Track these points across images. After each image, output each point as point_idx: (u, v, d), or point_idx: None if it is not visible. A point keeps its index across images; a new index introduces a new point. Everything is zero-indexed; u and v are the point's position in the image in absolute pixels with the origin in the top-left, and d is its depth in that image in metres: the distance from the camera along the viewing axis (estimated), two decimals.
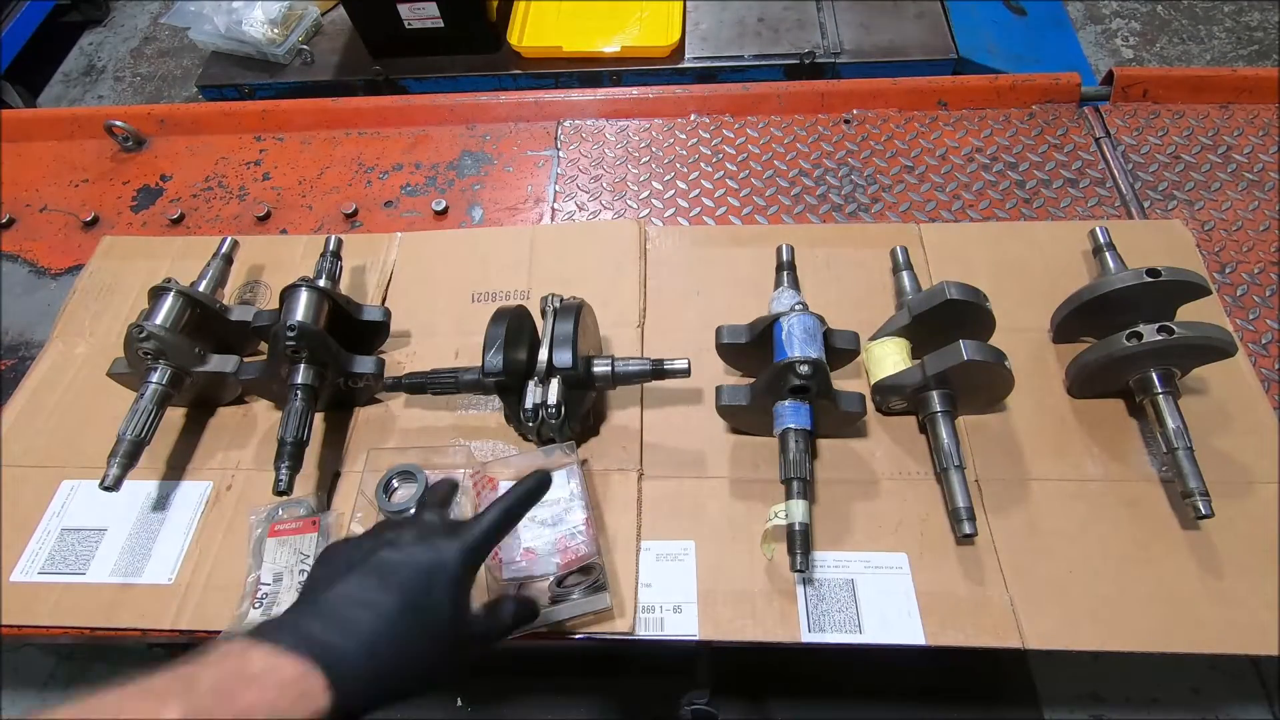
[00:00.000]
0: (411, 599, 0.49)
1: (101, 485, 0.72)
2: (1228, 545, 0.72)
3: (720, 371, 0.87)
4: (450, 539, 0.53)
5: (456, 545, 0.53)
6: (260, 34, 1.84)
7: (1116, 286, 0.77)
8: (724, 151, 1.14)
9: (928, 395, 0.76)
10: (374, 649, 0.45)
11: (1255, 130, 1.09)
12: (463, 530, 0.54)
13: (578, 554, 0.71)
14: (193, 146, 1.22)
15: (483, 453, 0.83)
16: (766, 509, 0.72)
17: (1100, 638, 0.68)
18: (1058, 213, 1.03)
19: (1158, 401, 0.74)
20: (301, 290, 0.81)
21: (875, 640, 0.69)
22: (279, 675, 0.41)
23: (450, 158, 1.17)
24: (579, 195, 1.11)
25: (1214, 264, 0.96)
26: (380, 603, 0.48)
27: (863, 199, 1.07)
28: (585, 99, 1.20)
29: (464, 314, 0.93)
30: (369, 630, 0.46)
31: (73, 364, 0.92)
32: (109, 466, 0.73)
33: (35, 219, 1.15)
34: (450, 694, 0.49)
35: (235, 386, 0.86)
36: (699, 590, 0.72)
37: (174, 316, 0.81)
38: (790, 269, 0.88)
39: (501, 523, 0.56)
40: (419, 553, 0.52)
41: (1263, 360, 0.87)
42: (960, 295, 0.77)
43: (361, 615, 0.47)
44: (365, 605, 0.47)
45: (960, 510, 0.71)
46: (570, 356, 0.73)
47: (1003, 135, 1.12)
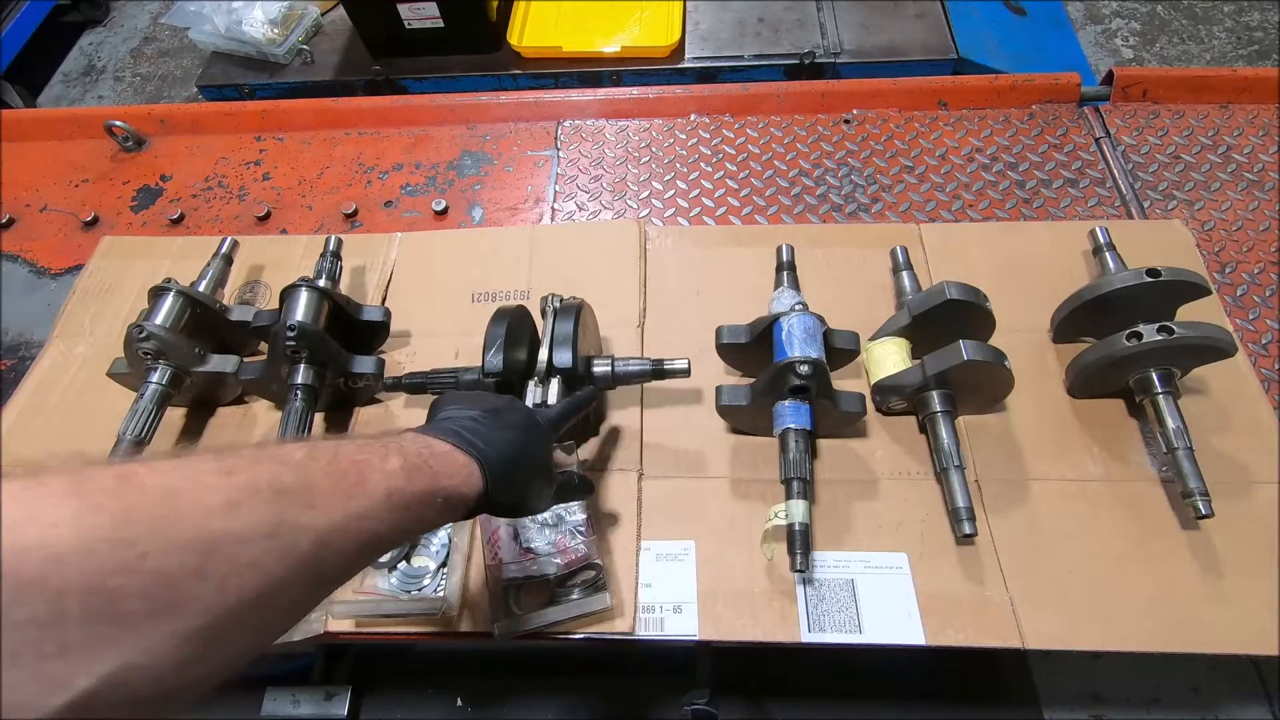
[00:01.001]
0: (523, 437, 0.59)
1: None
2: (1228, 545, 0.72)
3: (720, 371, 0.87)
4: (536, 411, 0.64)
5: (543, 411, 0.65)
6: (260, 34, 1.84)
7: (1116, 286, 0.77)
8: (724, 151, 1.14)
9: (928, 395, 0.76)
10: (505, 459, 0.55)
11: (1255, 130, 1.09)
12: (541, 410, 0.66)
13: (578, 554, 0.71)
14: (193, 146, 1.22)
15: None
16: (766, 509, 0.72)
17: (1100, 638, 0.68)
18: (1058, 213, 1.03)
19: (1158, 401, 0.74)
20: (301, 290, 0.81)
21: (875, 640, 0.69)
22: (455, 458, 0.52)
23: (450, 158, 1.17)
24: (579, 195, 1.11)
25: (1214, 264, 0.96)
26: (505, 432, 0.57)
27: (863, 199, 1.07)
28: (585, 99, 1.20)
29: (464, 314, 0.93)
30: (506, 443, 0.56)
31: (73, 364, 0.92)
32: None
33: (35, 219, 1.15)
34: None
35: (235, 386, 0.86)
36: (699, 590, 0.72)
37: (174, 316, 0.81)
38: (790, 269, 0.88)
39: (568, 411, 0.68)
40: (520, 408, 0.62)
41: (1263, 360, 0.87)
42: (960, 295, 0.77)
43: (501, 434, 0.57)
44: (500, 428, 0.57)
45: (960, 510, 0.71)
46: (570, 356, 0.73)
47: (1003, 135, 1.12)
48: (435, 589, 0.72)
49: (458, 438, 0.54)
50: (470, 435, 0.55)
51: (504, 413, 0.60)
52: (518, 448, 0.58)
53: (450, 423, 0.57)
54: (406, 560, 0.74)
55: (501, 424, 0.58)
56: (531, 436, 0.61)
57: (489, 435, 0.56)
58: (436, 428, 0.56)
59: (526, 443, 0.59)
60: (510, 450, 0.57)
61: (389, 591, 0.72)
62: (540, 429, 0.63)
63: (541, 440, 0.62)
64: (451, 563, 0.73)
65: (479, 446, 0.55)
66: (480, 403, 0.61)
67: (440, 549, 0.75)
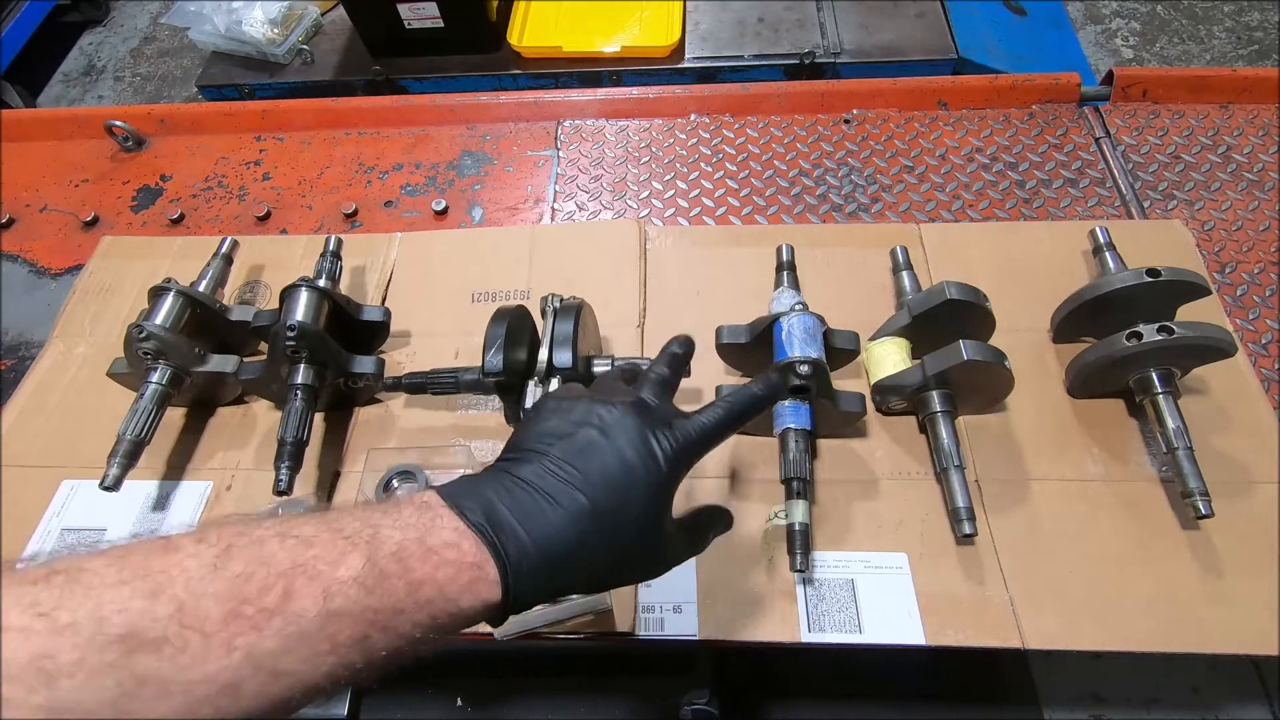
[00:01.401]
0: (605, 500, 0.43)
1: (101, 485, 0.72)
2: (1228, 545, 0.72)
3: (720, 371, 0.87)
4: (659, 432, 0.46)
5: (667, 443, 0.46)
6: (260, 34, 1.84)
7: (1116, 286, 0.77)
8: (724, 151, 1.14)
9: (928, 395, 0.76)
10: (553, 551, 0.40)
11: (1255, 130, 1.09)
12: (678, 427, 0.47)
13: None
14: (193, 146, 1.22)
15: (483, 453, 0.83)
16: (766, 509, 0.72)
17: (1100, 638, 0.68)
18: (1058, 213, 1.03)
19: (1158, 401, 0.74)
20: (301, 290, 0.81)
21: (875, 640, 0.69)
22: (458, 553, 0.38)
23: (450, 158, 1.17)
24: (579, 195, 1.11)
25: (1214, 264, 0.96)
26: (574, 500, 0.42)
27: (863, 199, 1.07)
28: (585, 99, 1.20)
29: (464, 314, 0.93)
30: (554, 528, 0.41)
31: (73, 364, 0.92)
32: (109, 466, 0.73)
33: (35, 219, 1.15)
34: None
35: (235, 386, 0.86)
36: (699, 590, 0.72)
37: (174, 316, 0.81)
38: (790, 269, 0.88)
39: (721, 427, 0.50)
40: (628, 445, 0.45)
41: (1263, 360, 0.87)
42: (960, 295, 0.77)
43: (549, 511, 0.41)
44: (557, 496, 0.42)
45: (960, 510, 0.71)
46: (570, 356, 0.73)
47: (1003, 135, 1.12)
48: None
49: (482, 513, 0.40)
50: (498, 510, 0.41)
51: (593, 455, 0.44)
52: (590, 526, 0.42)
53: (486, 483, 0.42)
54: None
55: (576, 479, 0.43)
56: (628, 497, 0.43)
57: (535, 509, 0.41)
58: (469, 491, 0.42)
59: (614, 512, 0.43)
60: (576, 533, 0.41)
61: None
62: (652, 477, 0.44)
63: (649, 498, 0.44)
64: None
65: (506, 530, 0.40)
66: (572, 427, 0.45)
67: None
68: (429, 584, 0.37)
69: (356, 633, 0.34)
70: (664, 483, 0.46)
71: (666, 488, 0.46)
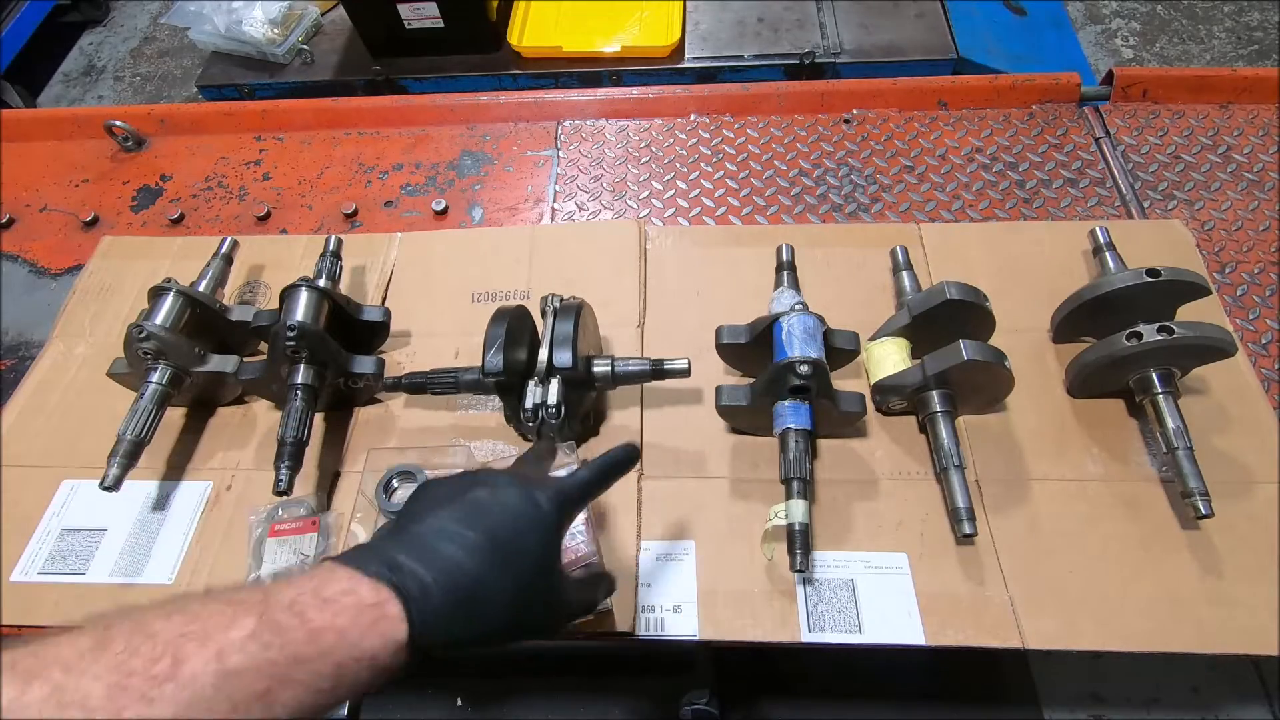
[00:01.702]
0: (500, 538, 0.46)
1: (101, 485, 0.72)
2: (1228, 545, 0.72)
3: (720, 371, 0.87)
4: (541, 485, 0.51)
5: (549, 492, 0.51)
6: (260, 34, 1.84)
7: (1116, 286, 0.77)
8: (724, 151, 1.14)
9: (928, 395, 0.76)
10: (456, 582, 0.42)
11: (1255, 130, 1.09)
12: (557, 482, 0.53)
13: (578, 554, 0.71)
14: (193, 146, 1.22)
15: (483, 453, 0.83)
16: (766, 509, 0.72)
17: (1100, 638, 0.68)
18: (1058, 213, 1.03)
19: (1158, 401, 0.74)
20: (301, 290, 0.81)
21: (875, 640, 0.69)
22: (356, 598, 0.39)
23: (450, 158, 1.17)
24: (579, 195, 1.11)
25: (1214, 264, 0.96)
26: (467, 537, 0.45)
27: (863, 199, 1.07)
28: (585, 99, 1.20)
29: (464, 314, 0.93)
30: (453, 562, 0.43)
31: (73, 364, 0.92)
32: (109, 466, 0.73)
33: (35, 219, 1.15)
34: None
35: (235, 386, 0.86)
36: (699, 590, 0.72)
37: (174, 316, 0.81)
38: (790, 269, 0.88)
39: (595, 481, 0.55)
40: (512, 495, 0.49)
41: (1263, 360, 0.87)
42: (960, 295, 0.77)
43: (447, 548, 0.44)
44: (452, 538, 0.45)
45: (960, 510, 0.71)
46: (570, 356, 0.73)
47: (1003, 135, 1.12)
48: None
49: (378, 562, 0.41)
50: (395, 557, 0.42)
51: (481, 507, 0.47)
52: (487, 558, 0.44)
53: (381, 542, 0.44)
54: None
55: (468, 523, 0.45)
56: (519, 536, 0.47)
57: (432, 549, 0.43)
58: (363, 550, 0.44)
59: (508, 547, 0.46)
60: (475, 564, 0.43)
61: None
62: (541, 517, 0.48)
63: (538, 538, 0.48)
64: None
65: (405, 570, 0.41)
66: (458, 493, 0.48)
67: None
68: (329, 631, 0.37)
69: (258, 688, 0.34)
70: (552, 524, 0.49)
71: (555, 529, 0.50)
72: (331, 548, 0.77)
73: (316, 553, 0.76)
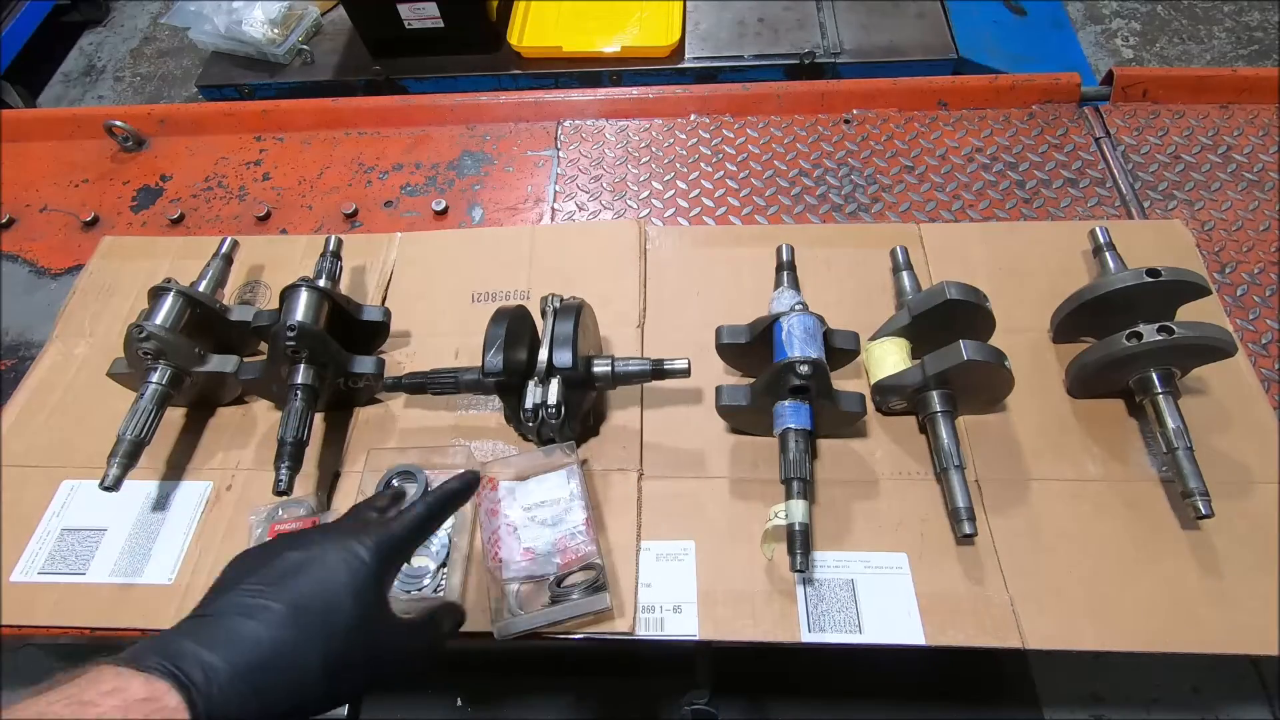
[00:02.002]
0: (306, 604, 0.45)
1: (101, 485, 0.72)
2: (1228, 545, 0.72)
3: (720, 371, 0.87)
4: (361, 535, 0.51)
5: (368, 541, 0.50)
6: (260, 34, 1.84)
7: (1116, 286, 0.77)
8: (724, 151, 1.14)
9: (928, 395, 0.76)
10: (249, 660, 0.42)
11: (1255, 130, 1.09)
12: (377, 527, 0.52)
13: (578, 554, 0.71)
14: (193, 146, 1.22)
15: (483, 453, 0.83)
16: (766, 509, 0.72)
17: (1100, 638, 0.68)
18: (1058, 213, 1.03)
19: (1158, 401, 0.74)
20: (301, 290, 0.81)
21: (875, 640, 0.69)
22: (123, 696, 0.38)
23: (450, 158, 1.17)
24: (579, 195, 1.11)
25: (1214, 264, 0.96)
26: (269, 609, 0.44)
27: (863, 199, 1.07)
28: (585, 99, 1.20)
29: (464, 314, 0.93)
30: (247, 639, 0.43)
31: (73, 364, 0.92)
32: (109, 466, 0.73)
33: (35, 219, 1.15)
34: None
35: (235, 386, 0.86)
36: (699, 590, 0.72)
37: (174, 316, 0.81)
38: (790, 269, 0.88)
39: (423, 521, 0.55)
40: (323, 550, 0.48)
41: (1263, 360, 0.87)
42: (960, 295, 0.77)
43: (241, 625, 0.44)
44: (250, 612, 0.44)
45: (960, 510, 0.71)
46: (570, 356, 0.73)
47: (1003, 135, 1.12)
48: (435, 589, 0.72)
49: (158, 655, 0.41)
50: (180, 645, 0.41)
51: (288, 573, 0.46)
52: (289, 629, 0.44)
53: (170, 631, 0.43)
54: (406, 561, 0.74)
55: (270, 594, 0.45)
56: (330, 597, 0.46)
57: (224, 629, 0.43)
58: (148, 645, 0.42)
59: (315, 612, 0.45)
60: (273, 636, 0.43)
61: None
62: (357, 572, 0.48)
63: (354, 596, 0.47)
64: (451, 562, 0.73)
65: (188, 658, 0.41)
66: (265, 560, 0.48)
67: (440, 549, 0.75)
68: None
69: None
70: (370, 576, 0.48)
71: (374, 581, 0.49)
72: None
73: None
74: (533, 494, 0.77)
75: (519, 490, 0.78)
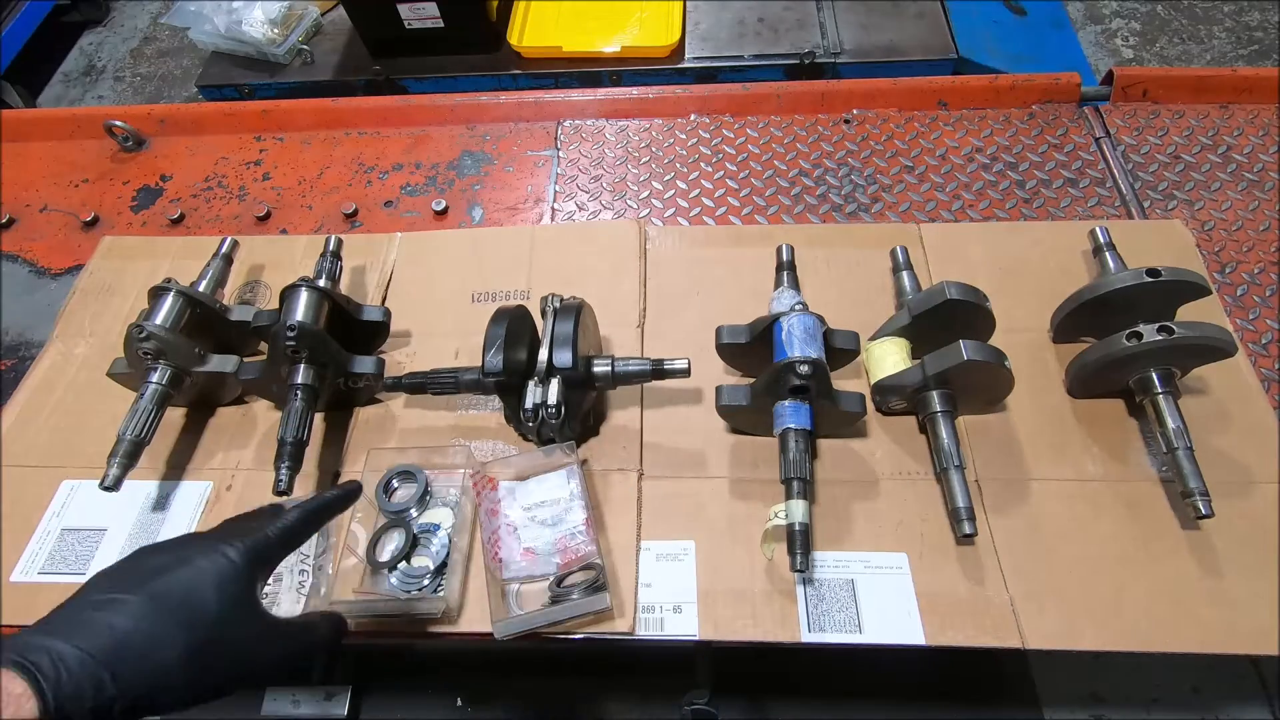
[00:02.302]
0: (166, 595, 0.46)
1: (101, 485, 0.72)
2: (1228, 545, 0.72)
3: (720, 371, 0.87)
4: (230, 539, 0.52)
5: (237, 543, 0.52)
6: (260, 34, 1.84)
7: (1116, 286, 0.77)
8: (724, 151, 1.14)
9: (928, 395, 0.76)
10: (102, 645, 0.43)
11: (1255, 130, 1.09)
12: (247, 532, 0.54)
13: (578, 554, 0.71)
14: (193, 146, 1.22)
15: (483, 453, 0.83)
16: (766, 509, 0.72)
17: (1100, 638, 0.68)
18: (1058, 213, 1.03)
19: (1158, 401, 0.74)
20: (301, 290, 0.81)
21: (875, 640, 0.69)
22: None
23: (450, 158, 1.17)
24: (579, 195, 1.11)
25: (1214, 264, 0.96)
26: (124, 601, 0.45)
27: (863, 199, 1.07)
28: (585, 99, 1.20)
29: (464, 314, 0.93)
30: (99, 626, 0.43)
31: (73, 364, 0.92)
32: (109, 466, 0.73)
33: (35, 219, 1.15)
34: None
35: (235, 386, 0.86)
36: (699, 590, 0.72)
37: (174, 316, 0.81)
38: (790, 269, 0.88)
39: (297, 527, 0.57)
40: (187, 552, 0.50)
41: (1263, 360, 0.87)
42: (960, 295, 0.77)
43: (94, 615, 0.44)
44: (102, 606, 0.45)
45: (960, 510, 0.71)
46: (570, 356, 0.73)
47: (1003, 135, 1.12)
48: (435, 589, 0.72)
49: (13, 649, 0.42)
50: (28, 635, 0.43)
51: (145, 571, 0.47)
52: (147, 617, 0.44)
53: (39, 623, 0.45)
54: (406, 560, 0.74)
55: (125, 587, 0.46)
56: (194, 592, 0.47)
57: (74, 620, 0.44)
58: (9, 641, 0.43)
59: (176, 604, 0.46)
60: (129, 624, 0.44)
61: (389, 591, 0.72)
62: (223, 570, 0.49)
63: (220, 592, 0.48)
64: (451, 563, 0.73)
65: (34, 648, 0.41)
66: (126, 564, 0.49)
67: (440, 549, 0.75)
68: None
69: None
70: (240, 575, 0.49)
71: (243, 581, 0.50)
72: (331, 547, 0.77)
73: (316, 552, 0.76)
74: (533, 494, 0.77)
75: (519, 490, 0.78)
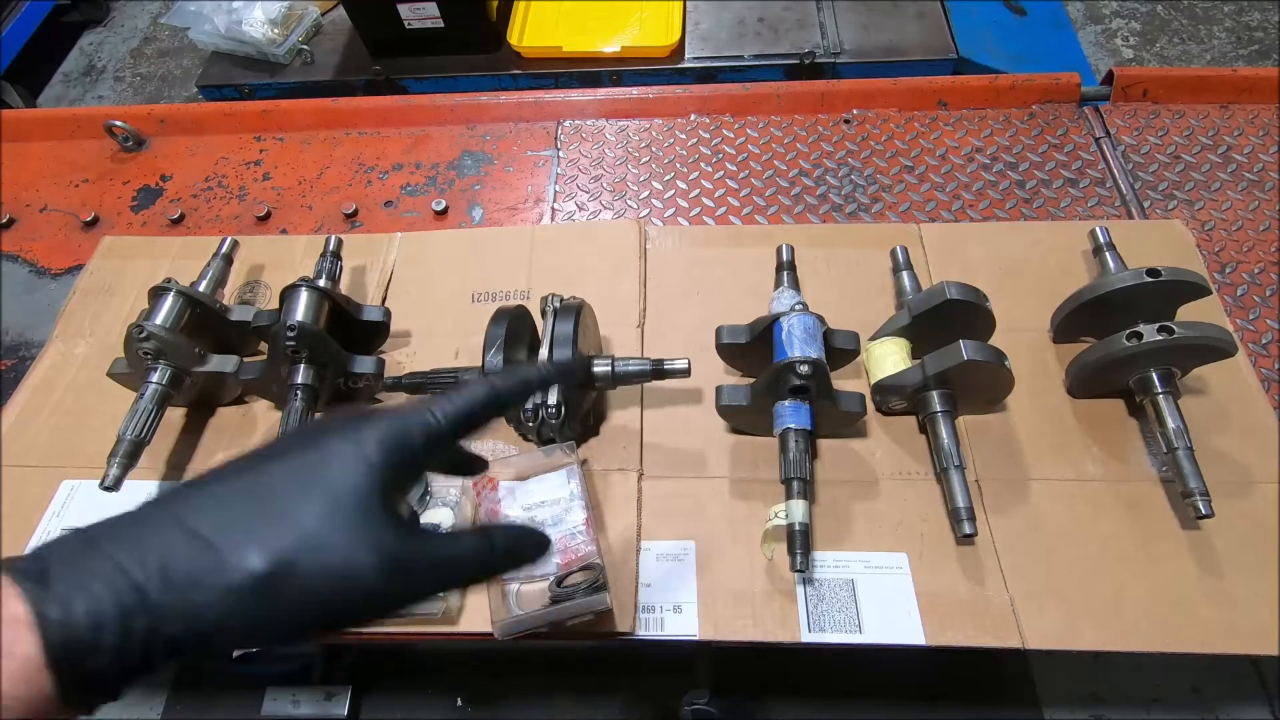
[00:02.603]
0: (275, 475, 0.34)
1: (101, 485, 0.72)
2: (1228, 545, 0.72)
3: (720, 371, 0.87)
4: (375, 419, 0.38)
5: (381, 426, 0.38)
6: (260, 34, 1.84)
7: (1116, 286, 0.77)
8: (724, 151, 1.14)
9: (928, 395, 0.76)
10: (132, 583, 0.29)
11: (1255, 130, 1.09)
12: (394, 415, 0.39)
13: (578, 554, 0.71)
14: (193, 146, 1.22)
15: (482, 453, 0.83)
16: (766, 509, 0.72)
17: (1100, 638, 0.68)
18: (1058, 213, 1.03)
19: (1158, 401, 0.74)
20: (301, 290, 0.81)
21: (875, 640, 0.69)
22: None
23: (450, 158, 1.17)
24: (579, 195, 1.11)
25: (1214, 264, 0.96)
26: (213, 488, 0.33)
27: (863, 199, 1.07)
28: (585, 99, 1.20)
29: (464, 314, 0.93)
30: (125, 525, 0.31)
31: (73, 364, 0.92)
32: (109, 466, 0.73)
33: (35, 219, 1.15)
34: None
35: (235, 386, 0.86)
36: (699, 590, 0.72)
37: (174, 316, 0.81)
38: (790, 269, 0.88)
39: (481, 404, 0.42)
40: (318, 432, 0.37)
41: (1263, 360, 0.87)
42: (960, 295, 0.77)
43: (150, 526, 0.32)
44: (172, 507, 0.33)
45: (960, 510, 0.71)
46: (570, 356, 0.73)
47: (1003, 135, 1.12)
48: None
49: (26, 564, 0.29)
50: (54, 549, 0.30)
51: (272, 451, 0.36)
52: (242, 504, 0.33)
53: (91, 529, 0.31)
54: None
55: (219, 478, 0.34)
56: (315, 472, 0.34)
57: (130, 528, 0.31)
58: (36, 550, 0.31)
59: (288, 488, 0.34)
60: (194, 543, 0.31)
61: None
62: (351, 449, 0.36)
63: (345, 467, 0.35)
64: None
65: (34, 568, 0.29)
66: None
67: None
68: None
69: None
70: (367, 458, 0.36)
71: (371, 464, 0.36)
72: None
73: None
74: (533, 494, 0.77)
75: (519, 490, 0.78)
